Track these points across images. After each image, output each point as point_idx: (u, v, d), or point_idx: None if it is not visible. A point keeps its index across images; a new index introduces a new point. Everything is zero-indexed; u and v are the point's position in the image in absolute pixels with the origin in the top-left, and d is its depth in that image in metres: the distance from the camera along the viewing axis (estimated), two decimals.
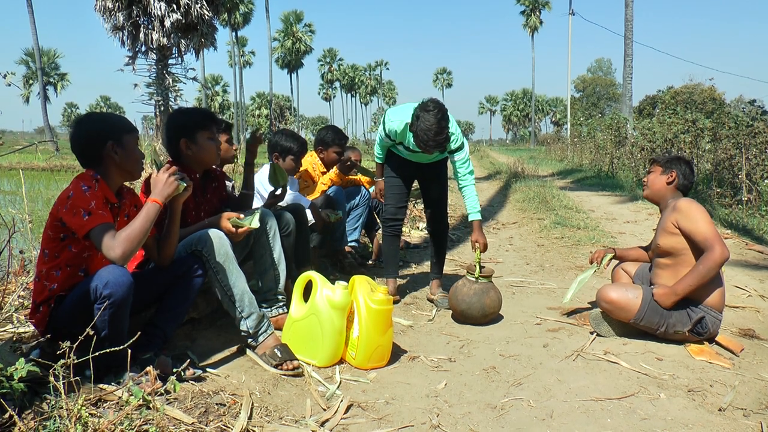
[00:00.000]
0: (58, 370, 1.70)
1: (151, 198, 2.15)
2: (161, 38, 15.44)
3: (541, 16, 55.54)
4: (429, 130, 3.02)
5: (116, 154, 2.19)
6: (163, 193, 2.18)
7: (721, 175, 8.99)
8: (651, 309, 2.80)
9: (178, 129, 2.70)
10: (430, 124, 3.01)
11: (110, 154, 2.19)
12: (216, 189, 2.94)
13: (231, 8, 43.75)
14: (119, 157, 2.20)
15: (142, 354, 2.21)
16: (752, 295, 3.82)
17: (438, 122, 3.01)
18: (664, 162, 2.99)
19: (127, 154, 2.22)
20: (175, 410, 1.97)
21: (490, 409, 2.25)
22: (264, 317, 2.56)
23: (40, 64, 33.15)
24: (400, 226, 3.72)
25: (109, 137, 2.19)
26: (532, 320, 3.37)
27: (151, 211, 2.12)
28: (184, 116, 2.75)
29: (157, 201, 2.14)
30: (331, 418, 2.12)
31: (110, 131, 2.21)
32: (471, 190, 3.41)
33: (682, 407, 2.24)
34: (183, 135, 2.68)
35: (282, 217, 3.13)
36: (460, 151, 3.35)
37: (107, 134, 2.19)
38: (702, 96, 26.66)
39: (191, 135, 2.68)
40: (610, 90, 67.00)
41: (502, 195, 10.32)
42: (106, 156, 2.19)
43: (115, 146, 2.19)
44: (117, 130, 2.22)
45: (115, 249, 2.01)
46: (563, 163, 21.31)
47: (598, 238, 5.80)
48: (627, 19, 18.30)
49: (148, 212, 2.11)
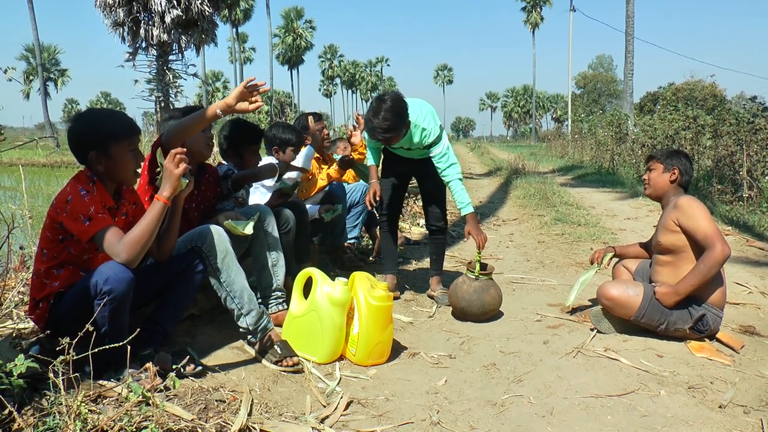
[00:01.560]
0: (57, 366, 1.70)
1: (160, 197, 2.09)
2: (162, 34, 15.43)
3: (542, 12, 55.46)
4: (373, 118, 3.02)
5: (100, 164, 2.13)
6: (168, 188, 2.11)
7: (722, 171, 8.97)
8: (652, 306, 2.79)
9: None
10: (374, 112, 3.02)
11: (95, 165, 2.13)
12: (210, 182, 2.93)
13: (231, 4, 43.60)
14: (104, 167, 2.13)
15: (142, 350, 2.20)
16: (753, 292, 3.81)
17: (384, 110, 2.99)
18: (664, 159, 2.96)
19: (113, 163, 2.14)
20: (174, 407, 1.96)
21: (490, 405, 2.25)
22: (264, 314, 2.55)
23: (40, 59, 33.10)
24: (394, 221, 3.71)
25: (92, 147, 2.11)
26: (533, 317, 3.37)
27: (159, 211, 2.07)
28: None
29: (165, 201, 2.10)
30: (331, 414, 2.12)
31: (96, 139, 2.11)
32: (456, 185, 3.35)
33: (682, 404, 2.24)
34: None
35: (281, 214, 3.13)
36: (435, 146, 3.29)
37: (91, 142, 2.11)
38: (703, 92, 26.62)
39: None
40: (611, 86, 66.83)
41: (503, 191, 10.31)
42: (91, 164, 2.14)
43: (98, 156, 2.11)
44: (104, 139, 2.11)
45: (121, 254, 1.99)
46: (564, 160, 21.29)
47: (598, 234, 5.79)
48: (628, 16, 18.25)
49: (154, 212, 2.06)
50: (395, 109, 3.02)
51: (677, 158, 2.94)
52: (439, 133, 3.30)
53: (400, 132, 3.10)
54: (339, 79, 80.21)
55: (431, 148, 3.30)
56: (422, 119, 3.23)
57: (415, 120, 3.21)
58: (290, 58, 58.44)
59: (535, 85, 61.92)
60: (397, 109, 3.03)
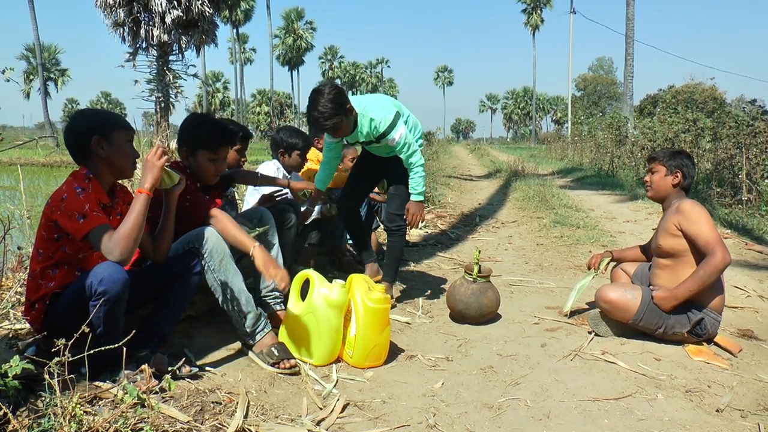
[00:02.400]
0: (52, 367, 1.70)
1: (139, 189, 2.11)
2: (162, 34, 15.44)
3: (542, 14, 55.48)
4: (312, 110, 3.03)
5: (102, 149, 2.16)
6: (149, 179, 2.12)
7: (721, 174, 8.97)
8: (650, 310, 2.79)
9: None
10: (313, 104, 3.03)
11: (97, 149, 2.16)
12: (214, 194, 2.92)
13: (232, 5, 43.67)
14: (105, 153, 2.17)
15: (139, 351, 2.20)
16: (751, 296, 3.81)
17: (323, 101, 2.99)
18: (666, 161, 2.92)
19: (114, 150, 2.19)
20: (170, 408, 1.96)
21: (487, 408, 2.24)
22: (261, 315, 2.55)
23: (40, 59, 33.15)
24: (352, 209, 3.64)
25: (95, 131, 2.16)
26: (531, 320, 3.37)
27: (141, 203, 2.08)
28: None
29: (145, 192, 2.11)
30: (327, 417, 2.11)
31: (97, 125, 2.18)
32: (416, 171, 3.31)
33: (679, 408, 2.23)
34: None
35: (285, 211, 3.15)
36: (389, 135, 3.23)
37: (94, 128, 2.17)
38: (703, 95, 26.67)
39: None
40: (611, 89, 66.87)
41: (502, 193, 10.31)
42: (93, 151, 2.16)
43: (101, 140, 2.16)
44: (105, 125, 2.19)
45: (114, 251, 2.00)
46: (563, 162, 21.29)
47: (597, 237, 5.79)
48: (628, 18, 18.28)
49: (137, 205, 2.07)
50: (331, 96, 3.01)
51: (680, 159, 2.90)
52: (393, 122, 3.21)
53: (342, 119, 3.08)
54: (339, 80, 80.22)
55: (386, 137, 3.25)
56: (371, 109, 3.20)
57: (363, 110, 3.19)
58: (290, 59, 58.43)
59: (535, 87, 61.99)
60: (333, 96, 3.02)
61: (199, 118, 2.84)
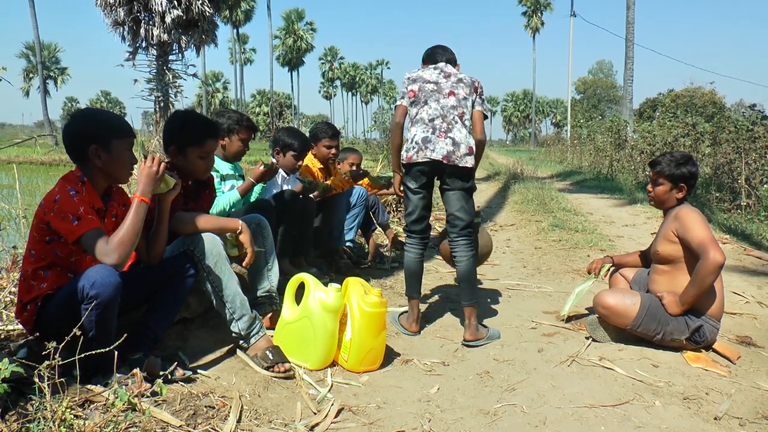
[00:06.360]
0: (42, 371, 1.67)
1: (137, 195, 2.10)
2: (162, 34, 15.44)
3: (542, 17, 55.62)
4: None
5: (99, 158, 2.12)
6: (148, 187, 2.13)
7: (720, 179, 8.97)
8: (648, 316, 2.77)
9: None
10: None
11: (93, 158, 2.12)
12: (208, 195, 2.89)
13: (232, 5, 43.72)
14: (102, 162, 2.12)
15: (132, 354, 2.18)
16: (750, 302, 3.79)
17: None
18: (671, 174, 2.84)
19: (112, 159, 2.14)
20: (163, 412, 1.94)
21: (482, 414, 2.22)
22: (256, 319, 2.53)
23: (40, 57, 33.14)
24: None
25: (94, 140, 2.11)
26: (528, 324, 3.34)
27: (139, 210, 2.08)
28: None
29: (143, 199, 2.10)
30: (321, 422, 2.09)
31: (97, 133, 2.12)
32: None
33: (677, 415, 2.21)
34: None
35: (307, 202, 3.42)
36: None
37: (93, 136, 2.12)
38: (702, 99, 26.67)
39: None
40: (610, 92, 66.93)
41: (501, 196, 10.30)
42: (90, 159, 2.12)
43: (98, 150, 2.11)
44: (106, 133, 2.13)
45: (110, 255, 1.98)
46: (563, 165, 21.29)
47: (595, 241, 5.77)
48: (628, 22, 18.29)
49: (136, 211, 2.07)
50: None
51: (685, 169, 2.83)
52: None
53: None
54: (339, 81, 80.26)
55: None
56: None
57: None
58: (290, 59, 58.46)
59: (535, 89, 62.20)
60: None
61: (182, 116, 2.76)
